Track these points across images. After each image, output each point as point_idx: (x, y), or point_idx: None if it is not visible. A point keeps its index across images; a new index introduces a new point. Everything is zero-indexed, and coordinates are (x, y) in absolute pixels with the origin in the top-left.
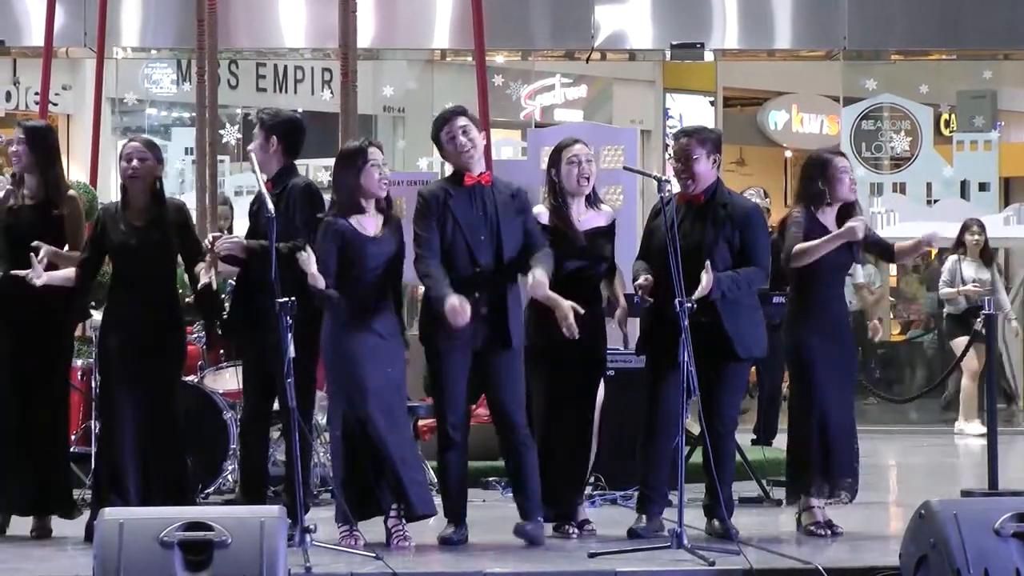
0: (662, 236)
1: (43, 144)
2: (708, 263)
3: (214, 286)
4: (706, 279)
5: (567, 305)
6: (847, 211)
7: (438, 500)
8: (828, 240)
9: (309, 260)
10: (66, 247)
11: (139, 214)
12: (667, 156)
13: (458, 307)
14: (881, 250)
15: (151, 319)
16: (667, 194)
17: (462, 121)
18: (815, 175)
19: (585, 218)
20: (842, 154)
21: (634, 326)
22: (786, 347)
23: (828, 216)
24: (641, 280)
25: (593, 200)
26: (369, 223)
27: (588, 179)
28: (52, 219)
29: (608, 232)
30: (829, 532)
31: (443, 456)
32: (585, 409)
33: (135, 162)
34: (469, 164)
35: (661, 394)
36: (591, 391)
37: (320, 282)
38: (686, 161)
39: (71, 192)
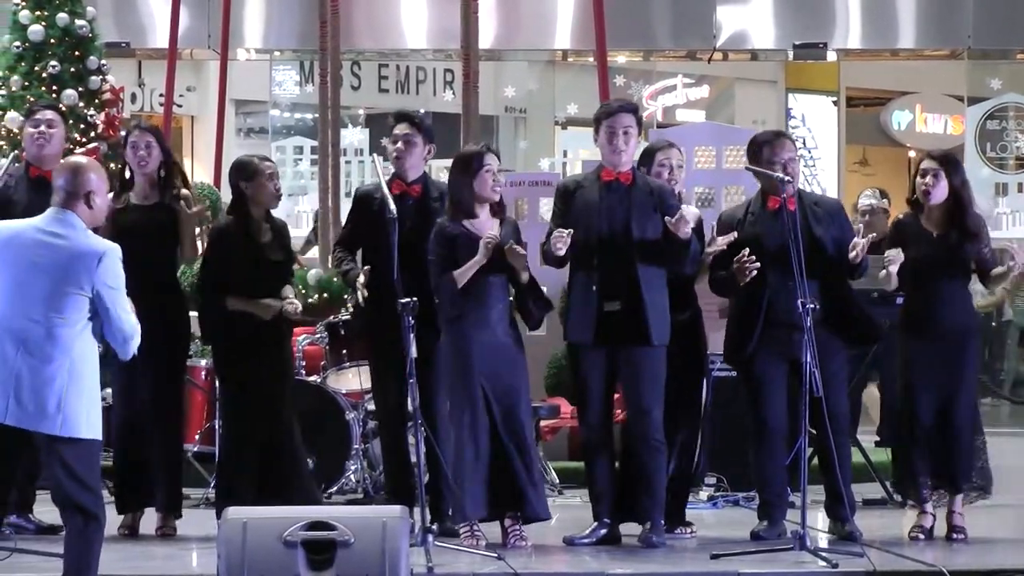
0: (773, 238)
1: (166, 145)
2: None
3: None
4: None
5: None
6: (951, 211)
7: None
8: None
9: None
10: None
11: (261, 232)
12: (791, 157)
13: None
14: (981, 269)
15: (270, 330)
16: (786, 193)
17: (627, 120)
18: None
19: None
20: (932, 156)
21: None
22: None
23: (932, 216)
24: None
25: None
26: (484, 226)
27: (676, 182)
28: (170, 220)
29: (696, 232)
30: (923, 536)
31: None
32: (691, 415)
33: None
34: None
35: (770, 397)
36: (695, 397)
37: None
38: (791, 160)
39: (184, 191)
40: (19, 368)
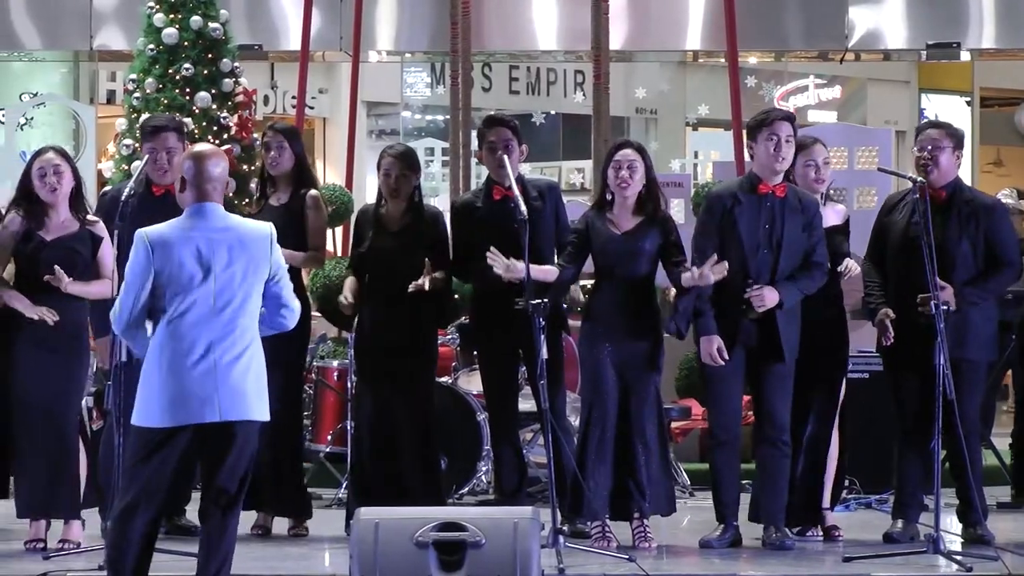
0: (899, 233)
1: (301, 145)
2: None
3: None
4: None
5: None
6: None
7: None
8: None
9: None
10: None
11: (395, 221)
12: (913, 149)
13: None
14: None
15: (404, 322)
16: (916, 193)
17: (789, 129)
18: None
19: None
20: None
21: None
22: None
23: None
24: (887, 323)
25: (825, 198)
26: (623, 222)
27: (823, 181)
28: (298, 220)
29: (843, 229)
30: None
31: (712, 456)
32: (825, 412)
33: (392, 178)
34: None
35: (908, 397)
36: (832, 394)
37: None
38: (932, 151)
39: (313, 192)
40: (216, 364)
